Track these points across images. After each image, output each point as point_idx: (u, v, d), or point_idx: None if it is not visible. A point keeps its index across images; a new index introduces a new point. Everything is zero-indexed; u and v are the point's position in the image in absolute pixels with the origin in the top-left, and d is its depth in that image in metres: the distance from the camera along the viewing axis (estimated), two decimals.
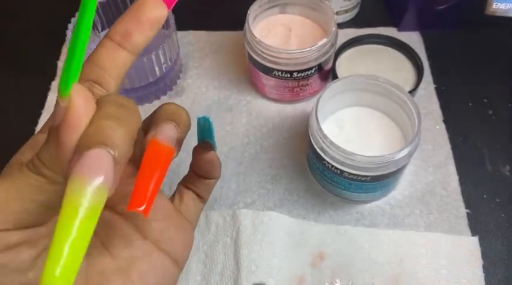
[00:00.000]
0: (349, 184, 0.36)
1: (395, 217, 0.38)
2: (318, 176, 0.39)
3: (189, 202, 0.29)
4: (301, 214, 0.38)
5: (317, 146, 0.35)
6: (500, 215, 0.38)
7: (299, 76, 0.42)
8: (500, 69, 0.47)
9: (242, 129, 0.44)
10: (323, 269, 0.35)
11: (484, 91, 0.45)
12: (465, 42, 0.49)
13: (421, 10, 0.48)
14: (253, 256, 0.35)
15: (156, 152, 0.22)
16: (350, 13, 0.51)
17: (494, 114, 0.44)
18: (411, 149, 0.34)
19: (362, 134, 0.38)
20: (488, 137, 0.42)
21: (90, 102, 0.18)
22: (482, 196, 0.39)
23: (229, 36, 0.50)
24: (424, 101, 0.44)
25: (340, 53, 0.47)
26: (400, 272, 0.35)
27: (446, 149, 0.42)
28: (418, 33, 0.50)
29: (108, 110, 0.18)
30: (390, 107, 0.38)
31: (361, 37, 0.47)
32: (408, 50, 0.46)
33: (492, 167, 0.41)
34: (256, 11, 0.43)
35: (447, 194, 0.39)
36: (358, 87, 0.38)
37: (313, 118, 0.35)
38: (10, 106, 0.47)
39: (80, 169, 0.16)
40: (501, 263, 0.36)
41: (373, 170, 0.34)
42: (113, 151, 0.17)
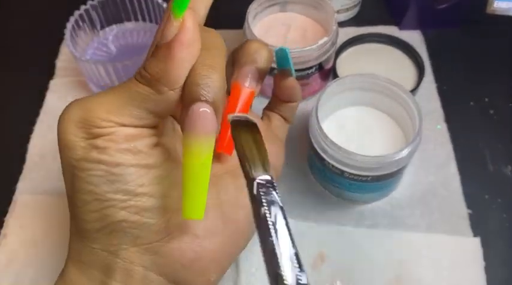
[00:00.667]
0: (350, 184, 0.36)
1: (396, 217, 0.38)
2: (319, 176, 0.38)
3: (277, 122, 0.32)
4: (301, 214, 0.38)
5: (317, 146, 0.35)
6: (502, 216, 0.38)
7: (299, 76, 0.41)
8: (501, 68, 0.47)
9: None
10: (323, 270, 0.35)
11: (485, 91, 0.45)
12: (466, 41, 0.49)
13: (422, 9, 0.48)
14: (253, 258, 0.35)
15: (238, 95, 0.26)
16: (351, 12, 0.50)
17: (496, 114, 0.44)
18: (412, 149, 0.33)
19: (363, 133, 0.38)
20: (490, 137, 0.42)
21: (197, 26, 0.21)
22: (483, 196, 0.39)
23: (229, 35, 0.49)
24: (425, 100, 0.44)
25: (341, 52, 0.46)
26: (401, 274, 0.35)
27: (448, 149, 0.41)
28: (419, 32, 0.49)
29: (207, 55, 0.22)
30: (391, 106, 0.38)
31: (362, 36, 0.47)
32: (409, 49, 0.46)
33: (494, 167, 0.40)
34: (256, 10, 0.43)
35: (448, 195, 0.39)
36: (358, 86, 0.38)
37: (314, 117, 0.35)
38: (8, 105, 0.47)
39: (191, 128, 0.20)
40: (503, 264, 0.35)
41: (374, 170, 0.33)
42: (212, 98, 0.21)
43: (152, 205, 0.23)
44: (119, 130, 0.22)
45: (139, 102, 0.22)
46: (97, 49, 0.47)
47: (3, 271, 0.36)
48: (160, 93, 0.21)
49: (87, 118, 0.22)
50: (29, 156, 0.43)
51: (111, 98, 0.22)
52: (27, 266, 0.36)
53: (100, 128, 0.22)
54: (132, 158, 0.22)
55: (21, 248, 0.37)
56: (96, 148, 0.22)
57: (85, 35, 0.46)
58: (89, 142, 0.22)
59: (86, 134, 0.22)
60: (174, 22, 0.20)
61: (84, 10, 0.45)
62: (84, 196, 0.22)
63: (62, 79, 0.48)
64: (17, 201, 0.40)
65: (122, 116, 0.22)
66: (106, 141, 0.22)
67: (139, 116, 0.22)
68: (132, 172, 0.22)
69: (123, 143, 0.22)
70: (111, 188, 0.22)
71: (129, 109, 0.22)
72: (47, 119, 0.45)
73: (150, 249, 0.23)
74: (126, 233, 0.23)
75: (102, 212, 0.22)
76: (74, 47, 0.43)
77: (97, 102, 0.22)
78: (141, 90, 0.21)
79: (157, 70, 0.21)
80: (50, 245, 0.37)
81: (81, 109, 0.22)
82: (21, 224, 0.38)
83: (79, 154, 0.22)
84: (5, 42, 0.52)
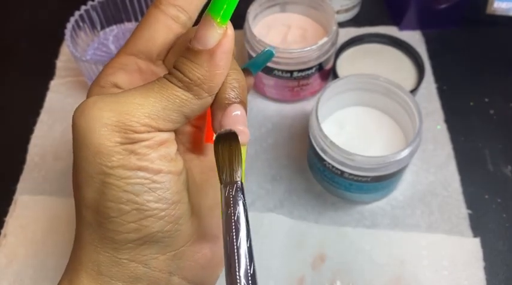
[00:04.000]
0: (350, 184, 0.36)
1: (396, 217, 0.38)
2: (318, 176, 0.38)
3: None
4: (301, 214, 0.38)
5: (317, 146, 0.35)
6: (502, 216, 0.38)
7: (299, 76, 0.41)
8: (501, 68, 0.47)
9: None
10: (323, 271, 0.35)
11: (485, 91, 0.45)
12: (466, 41, 0.49)
13: (422, 9, 0.48)
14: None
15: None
16: (351, 12, 0.50)
17: (496, 114, 0.44)
18: (412, 150, 0.33)
19: (362, 134, 0.38)
20: (490, 137, 0.42)
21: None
22: (483, 196, 0.39)
23: None
24: (425, 101, 0.44)
25: (341, 52, 0.46)
26: (401, 274, 0.35)
27: (448, 149, 0.41)
28: (419, 32, 0.49)
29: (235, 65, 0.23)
30: (391, 107, 0.38)
31: (362, 36, 0.47)
32: (409, 49, 0.46)
33: (493, 168, 0.40)
34: (256, 10, 0.43)
35: (448, 195, 0.39)
36: (358, 87, 0.38)
37: (314, 117, 0.35)
38: (9, 106, 0.47)
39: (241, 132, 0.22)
40: (502, 264, 0.35)
41: (374, 170, 0.33)
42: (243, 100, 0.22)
43: (184, 211, 0.23)
44: (156, 136, 0.21)
45: (178, 107, 0.21)
46: (97, 49, 0.47)
47: (3, 271, 0.36)
48: (200, 98, 0.22)
49: (125, 122, 0.21)
50: (29, 156, 0.43)
51: (149, 101, 0.21)
52: (27, 266, 0.36)
53: (138, 133, 0.21)
54: (169, 164, 0.22)
55: (21, 248, 0.37)
56: (136, 154, 0.21)
57: (85, 35, 0.46)
58: (126, 147, 0.21)
59: (122, 139, 0.21)
60: (218, 29, 0.21)
61: (84, 10, 0.45)
62: (121, 206, 0.21)
63: (62, 79, 0.48)
64: (17, 201, 0.40)
65: (160, 120, 0.21)
66: (145, 147, 0.21)
67: (176, 120, 0.22)
68: (170, 179, 0.22)
69: (161, 149, 0.22)
70: (152, 196, 0.21)
71: (168, 114, 0.21)
72: (48, 119, 0.45)
73: (177, 255, 0.23)
74: (158, 242, 0.22)
75: (140, 222, 0.21)
76: (74, 47, 0.43)
77: (134, 105, 0.21)
78: (181, 94, 0.21)
79: (198, 76, 0.21)
80: (50, 245, 0.37)
81: (115, 112, 0.21)
82: (21, 224, 0.38)
83: (115, 160, 0.21)
84: (5, 42, 0.52)
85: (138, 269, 0.22)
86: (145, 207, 0.21)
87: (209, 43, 0.21)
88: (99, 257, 0.22)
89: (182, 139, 0.26)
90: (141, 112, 0.21)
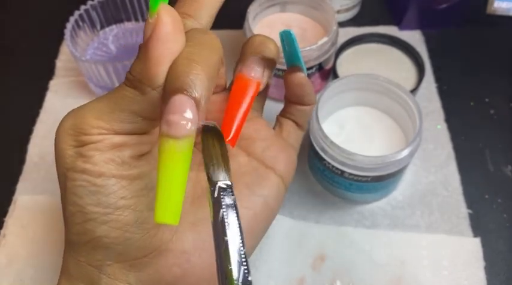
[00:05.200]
0: (350, 184, 0.36)
1: (396, 217, 0.38)
2: (319, 176, 0.38)
3: (289, 128, 0.30)
4: (301, 214, 0.38)
5: (317, 146, 0.35)
6: (502, 216, 0.38)
7: None
8: (501, 68, 0.47)
9: None
10: (323, 271, 0.35)
11: (485, 91, 0.45)
12: (467, 41, 0.49)
13: (422, 9, 0.48)
14: (253, 258, 0.35)
15: (242, 86, 0.25)
16: (351, 12, 0.50)
17: (496, 114, 0.44)
18: (412, 150, 0.33)
19: (363, 134, 0.38)
20: (490, 137, 0.42)
21: (177, 21, 0.20)
22: (483, 196, 0.39)
23: (229, 35, 0.49)
24: (425, 100, 0.44)
25: (341, 52, 0.46)
26: (401, 274, 0.35)
27: (448, 149, 0.41)
28: (420, 32, 0.49)
29: (189, 50, 0.20)
30: (391, 107, 0.38)
31: (362, 36, 0.47)
32: (409, 49, 0.46)
33: (494, 167, 0.40)
34: (256, 10, 0.43)
35: (448, 195, 0.39)
36: (358, 87, 0.38)
37: (314, 117, 0.35)
38: (8, 105, 0.47)
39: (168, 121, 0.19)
40: (503, 264, 0.35)
41: (374, 170, 0.33)
42: (194, 93, 0.19)
43: (135, 219, 0.22)
44: (107, 138, 0.21)
45: (125, 105, 0.21)
46: (97, 49, 0.47)
47: (3, 271, 0.36)
48: (144, 93, 0.20)
49: (78, 124, 0.21)
50: (29, 157, 0.43)
51: (100, 104, 0.21)
52: (27, 266, 0.36)
53: (89, 135, 0.21)
54: (114, 168, 0.21)
55: (21, 248, 0.37)
56: (82, 157, 0.21)
57: (85, 35, 0.46)
58: (77, 150, 0.21)
59: (75, 142, 0.21)
60: (149, 19, 0.20)
61: (84, 10, 0.45)
62: (70, 207, 0.21)
63: (61, 79, 0.48)
64: (16, 201, 0.40)
65: (111, 121, 0.21)
66: (92, 150, 0.21)
67: (128, 120, 0.21)
68: (114, 183, 0.21)
69: (108, 152, 0.21)
70: (92, 200, 0.21)
71: (117, 114, 0.21)
72: (47, 119, 0.45)
73: (135, 266, 0.22)
74: (108, 249, 0.22)
75: (84, 225, 0.21)
76: (74, 47, 0.43)
77: (88, 108, 0.21)
78: (127, 92, 0.21)
79: (138, 70, 0.20)
80: (50, 245, 0.37)
81: (73, 116, 0.21)
82: (21, 225, 0.38)
83: (68, 163, 0.21)
84: (5, 42, 0.52)
85: (95, 274, 0.22)
86: (86, 210, 0.21)
87: (145, 34, 0.20)
88: (68, 257, 0.23)
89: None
90: (91, 114, 0.21)
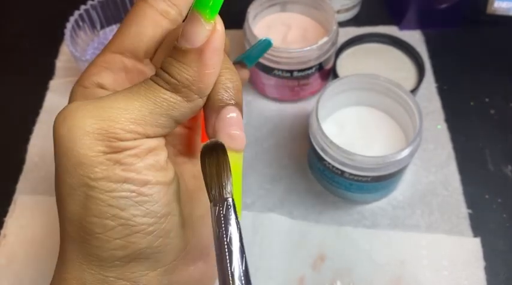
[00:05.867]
0: (350, 184, 0.36)
1: (397, 217, 0.38)
2: (319, 176, 0.38)
3: None
4: (301, 214, 0.38)
5: (317, 146, 0.35)
6: (502, 216, 0.38)
7: (299, 76, 0.41)
8: (501, 68, 0.47)
9: None
10: (323, 271, 0.35)
11: (485, 91, 0.45)
12: (467, 41, 0.49)
13: (422, 9, 0.48)
14: (253, 258, 0.35)
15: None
16: (351, 12, 0.50)
17: (496, 114, 0.44)
18: (412, 149, 0.33)
19: (363, 134, 0.38)
20: (490, 137, 0.42)
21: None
22: (484, 196, 0.39)
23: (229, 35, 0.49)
24: (425, 100, 0.44)
25: (341, 52, 0.46)
26: (401, 274, 0.35)
27: (448, 149, 0.41)
28: (420, 32, 0.49)
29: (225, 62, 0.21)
30: (391, 107, 0.38)
31: (362, 36, 0.47)
32: (409, 49, 0.46)
33: (494, 167, 0.40)
34: (256, 10, 0.43)
35: (449, 195, 0.39)
36: (359, 87, 0.38)
37: (314, 117, 0.35)
38: (8, 105, 0.47)
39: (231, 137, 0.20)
40: (503, 263, 0.35)
41: (374, 170, 0.33)
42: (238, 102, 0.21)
43: (174, 224, 0.21)
44: (144, 143, 0.20)
45: (166, 110, 0.20)
46: (97, 49, 0.47)
47: (3, 271, 0.36)
48: (190, 100, 0.20)
49: (108, 129, 0.19)
50: (29, 157, 0.43)
51: (133, 106, 0.19)
52: (27, 266, 0.36)
53: (124, 141, 0.19)
54: (157, 174, 0.20)
55: (21, 248, 0.37)
56: (121, 165, 0.19)
57: (85, 35, 0.46)
58: (110, 157, 0.19)
59: (106, 148, 0.19)
60: (206, 25, 0.19)
61: (84, 10, 0.45)
62: (106, 221, 0.19)
63: (61, 79, 0.48)
64: (16, 201, 0.40)
65: (148, 126, 0.20)
66: (131, 156, 0.19)
67: (165, 125, 0.20)
68: (160, 190, 0.20)
69: (149, 157, 0.20)
70: (139, 211, 0.20)
71: (155, 118, 0.20)
72: (47, 119, 0.45)
73: (169, 270, 0.22)
74: (148, 259, 0.21)
75: (127, 239, 0.20)
76: (74, 47, 0.43)
77: (119, 110, 0.19)
78: (168, 97, 0.20)
79: (187, 77, 0.19)
80: (50, 245, 0.37)
81: (98, 118, 0.19)
82: (21, 225, 0.38)
83: (98, 171, 0.19)
84: (5, 42, 0.52)
85: None
86: (132, 222, 0.19)
87: (197, 41, 0.19)
88: (84, 274, 0.20)
89: (173, 141, 0.24)
90: (126, 118, 0.19)
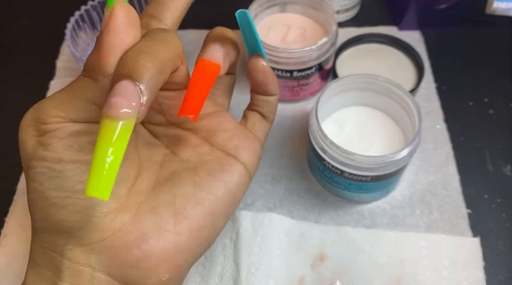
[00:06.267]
0: (350, 184, 0.36)
1: (396, 217, 0.38)
2: (318, 176, 0.38)
3: (254, 120, 0.30)
4: (301, 214, 0.38)
5: (317, 146, 0.35)
6: (501, 216, 0.38)
7: (299, 76, 0.41)
8: (501, 68, 0.47)
9: None
10: (323, 271, 0.35)
11: (485, 91, 0.45)
12: (466, 41, 0.49)
13: (422, 9, 0.48)
14: (253, 258, 0.35)
15: (202, 68, 0.26)
16: (350, 12, 0.50)
17: (495, 114, 0.44)
18: (412, 149, 0.34)
19: (362, 134, 0.38)
20: (489, 137, 0.42)
21: (131, 16, 0.21)
22: (483, 196, 0.39)
23: None
24: (424, 100, 0.44)
25: (341, 52, 0.46)
26: (401, 274, 0.35)
27: (447, 149, 0.41)
28: (419, 32, 0.49)
29: (142, 43, 0.22)
30: (391, 107, 0.38)
31: (362, 36, 0.47)
32: (409, 49, 0.46)
33: (493, 167, 0.40)
34: (256, 10, 0.43)
35: (448, 194, 0.39)
36: (358, 87, 0.38)
37: (313, 117, 0.35)
38: (9, 106, 0.47)
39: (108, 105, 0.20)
40: (502, 263, 0.35)
41: (374, 170, 0.34)
42: (140, 80, 0.20)
43: (94, 202, 0.23)
44: (65, 126, 0.22)
45: (81, 93, 0.22)
46: None
47: (3, 271, 0.36)
48: (97, 81, 0.22)
49: (37, 115, 0.22)
50: None
51: (59, 94, 0.23)
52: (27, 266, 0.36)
53: (47, 124, 0.22)
54: (72, 154, 0.22)
55: (21, 248, 0.37)
56: (42, 145, 0.22)
57: (85, 35, 0.46)
58: (38, 139, 0.22)
59: (36, 132, 0.22)
60: (106, 12, 0.21)
61: (84, 10, 0.45)
62: (31, 195, 0.23)
63: (62, 79, 0.48)
64: (17, 201, 0.40)
65: (68, 110, 0.22)
66: (51, 138, 0.22)
67: (84, 108, 0.22)
68: (72, 168, 0.22)
69: (66, 139, 0.22)
70: (51, 184, 0.22)
71: (73, 102, 0.22)
72: None
73: (96, 249, 0.23)
74: (69, 233, 0.22)
75: (44, 211, 0.22)
76: (75, 47, 0.43)
77: (47, 99, 0.22)
78: (82, 81, 0.22)
79: (92, 59, 0.22)
80: None
81: (34, 108, 0.23)
82: (22, 224, 0.38)
83: (30, 152, 0.22)
84: (6, 43, 0.52)
85: (57, 259, 0.23)
86: (46, 195, 0.22)
87: (101, 28, 0.21)
88: (34, 246, 0.24)
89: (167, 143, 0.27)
90: (50, 104, 0.22)
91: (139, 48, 0.21)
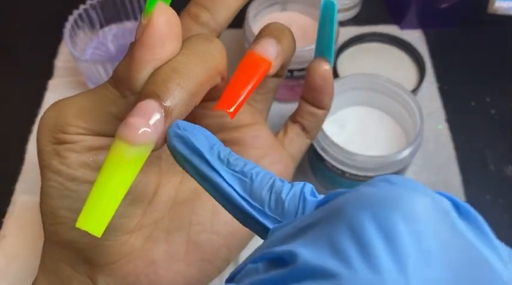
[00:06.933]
0: (351, 184, 0.35)
1: None
2: (319, 176, 0.38)
3: (293, 136, 0.28)
4: None
5: (318, 146, 0.35)
6: (503, 216, 0.38)
7: (299, 75, 0.41)
8: (503, 68, 0.46)
9: None
10: None
11: (486, 91, 0.45)
12: (468, 40, 0.49)
13: (423, 8, 0.48)
14: None
15: (251, 62, 0.22)
16: (351, 11, 0.50)
17: (497, 114, 0.43)
18: (413, 150, 0.33)
19: (363, 134, 0.38)
20: (491, 137, 0.42)
21: (172, 26, 0.18)
22: (485, 196, 0.39)
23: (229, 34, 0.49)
24: (426, 100, 0.44)
25: (342, 52, 0.46)
26: None
27: (449, 149, 0.41)
28: (420, 32, 0.49)
29: (178, 58, 0.19)
30: (392, 106, 0.38)
31: (363, 35, 0.47)
32: (410, 49, 0.46)
33: (495, 168, 0.40)
34: (256, 9, 0.43)
35: None
36: (359, 86, 0.38)
37: None
38: (7, 105, 0.47)
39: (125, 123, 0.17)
40: None
41: (375, 170, 0.33)
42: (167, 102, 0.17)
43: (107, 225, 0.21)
44: (84, 140, 0.20)
45: (105, 106, 0.19)
46: (96, 49, 0.47)
47: (3, 271, 0.36)
48: (124, 96, 0.19)
49: (57, 121, 0.20)
50: (28, 157, 0.42)
51: (82, 101, 0.20)
52: (27, 266, 0.36)
53: (66, 134, 0.20)
54: (89, 173, 0.20)
55: (21, 248, 0.37)
56: (58, 156, 0.20)
57: (84, 35, 0.46)
58: (54, 147, 0.20)
59: (53, 138, 0.20)
60: (143, 20, 0.18)
61: (83, 10, 0.45)
62: (44, 206, 0.21)
63: (61, 79, 0.48)
64: (16, 202, 0.40)
65: (90, 121, 0.20)
66: (68, 150, 0.20)
67: (107, 121, 0.20)
68: (86, 190, 0.19)
69: (84, 154, 0.20)
70: (63, 204, 0.20)
71: (97, 114, 0.20)
72: None
73: (105, 271, 0.22)
74: (78, 253, 0.22)
75: (55, 227, 0.21)
76: (73, 46, 0.43)
77: (70, 104, 0.20)
78: (109, 92, 0.19)
79: (121, 70, 0.19)
80: None
81: (55, 109, 0.20)
82: (21, 225, 0.38)
83: (45, 160, 0.20)
84: (4, 42, 0.52)
85: (67, 270, 0.22)
86: (57, 213, 0.20)
87: (136, 36, 0.19)
88: (45, 251, 0.23)
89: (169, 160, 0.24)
90: (71, 111, 0.20)
91: (173, 65, 0.18)
